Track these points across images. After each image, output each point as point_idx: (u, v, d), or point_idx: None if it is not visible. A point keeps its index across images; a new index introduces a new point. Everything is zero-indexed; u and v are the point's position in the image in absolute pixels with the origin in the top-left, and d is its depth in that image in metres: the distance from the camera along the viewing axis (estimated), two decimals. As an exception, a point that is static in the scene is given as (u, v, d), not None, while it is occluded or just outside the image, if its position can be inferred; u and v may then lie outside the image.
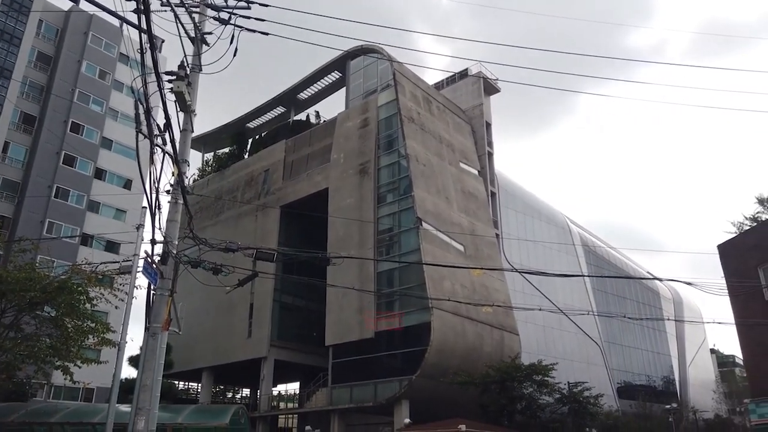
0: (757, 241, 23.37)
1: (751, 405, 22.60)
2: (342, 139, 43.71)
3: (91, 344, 15.35)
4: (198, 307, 43.69)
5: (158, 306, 12.60)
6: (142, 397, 11.87)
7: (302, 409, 42.04)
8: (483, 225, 42.57)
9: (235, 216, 49.21)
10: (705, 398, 61.73)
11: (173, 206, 13.38)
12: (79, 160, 41.98)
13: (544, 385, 32.02)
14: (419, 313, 34.94)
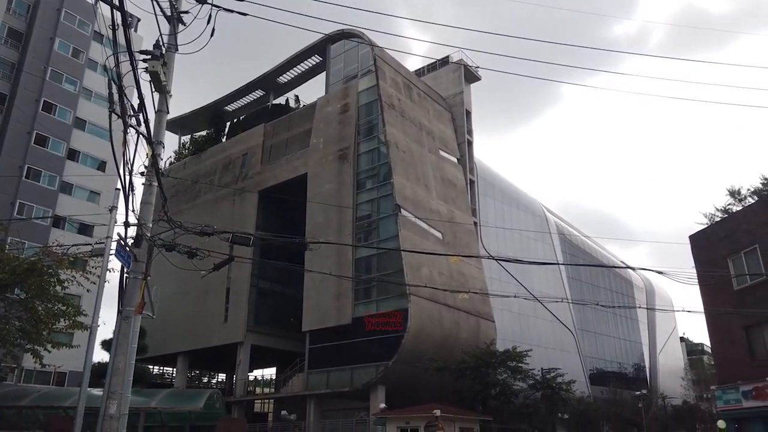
0: (727, 232, 23.89)
1: (717, 392, 23.24)
2: (322, 125, 43.38)
3: (62, 328, 15.08)
4: (173, 292, 43.21)
5: (131, 289, 12.40)
6: (114, 381, 11.71)
7: (278, 394, 42.04)
8: (461, 213, 42.78)
9: (212, 200, 48.68)
10: (674, 385, 63.33)
11: (148, 188, 13.13)
12: (52, 140, 40.95)
13: (518, 371, 32.50)
14: (397, 299, 35.07)
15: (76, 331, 15.14)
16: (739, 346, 22.23)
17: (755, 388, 20.46)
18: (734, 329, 22.48)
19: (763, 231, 21.69)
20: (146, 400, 15.95)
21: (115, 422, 11.40)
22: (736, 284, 22.61)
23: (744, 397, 21.09)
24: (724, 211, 32.63)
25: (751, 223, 22.48)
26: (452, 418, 24.21)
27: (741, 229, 22.90)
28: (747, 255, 22.21)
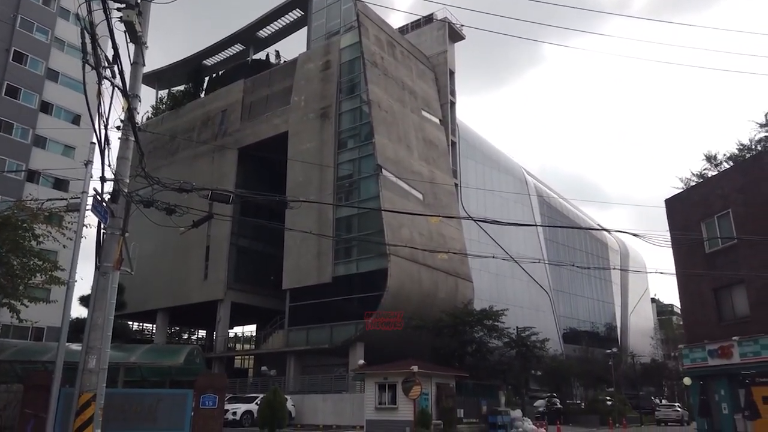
0: (701, 196, 24.33)
1: (685, 350, 24.10)
2: (303, 82, 42.63)
3: (39, 282, 14.94)
4: (152, 249, 42.94)
5: (109, 245, 12.29)
6: (92, 336, 11.72)
7: (259, 350, 42.56)
8: (442, 174, 42.83)
9: (190, 157, 47.96)
10: (643, 344, 65.47)
11: (124, 143, 12.86)
12: (23, 92, 39.61)
13: (494, 329, 33.27)
14: (377, 259, 35.35)
15: (53, 286, 15.01)
16: (708, 307, 22.95)
17: (720, 347, 21.24)
18: (704, 291, 23.15)
19: (736, 196, 22.14)
20: (126, 355, 16.02)
21: (94, 376, 11.47)
22: (708, 248, 23.18)
23: (710, 355, 21.91)
24: (699, 176, 33.14)
25: (725, 188, 22.90)
26: (429, 375, 24.78)
27: (715, 194, 23.33)
28: (720, 219, 22.71)
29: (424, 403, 23.73)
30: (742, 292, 21.40)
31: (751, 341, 20.04)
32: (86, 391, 11.35)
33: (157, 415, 14.24)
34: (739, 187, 22.21)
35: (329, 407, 30.73)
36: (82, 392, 11.35)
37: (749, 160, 25.29)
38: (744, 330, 20.67)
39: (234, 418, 27.53)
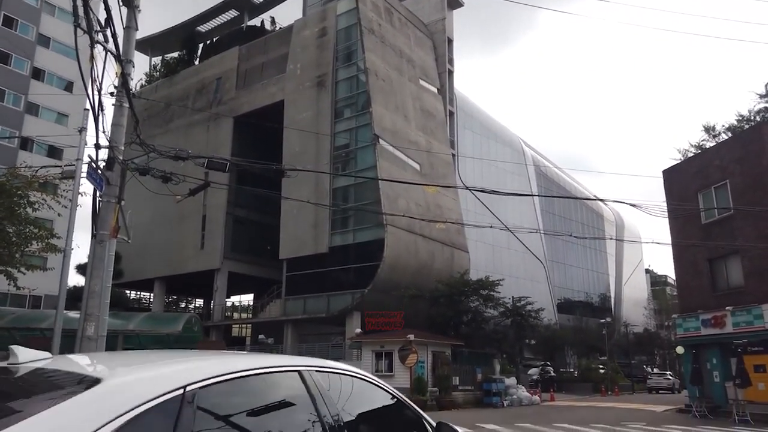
0: (699, 167, 24.28)
1: (678, 320, 24.38)
2: (299, 49, 41.96)
3: (35, 250, 14.89)
4: (149, 218, 42.87)
5: (105, 213, 12.20)
6: (90, 303, 11.73)
7: (256, 319, 42.88)
8: (440, 144, 42.58)
9: (185, 125, 47.47)
10: (637, 314, 66.24)
11: (118, 110, 12.66)
12: (14, 58, 38.95)
13: (489, 299, 33.54)
14: (373, 229, 35.38)
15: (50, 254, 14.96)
16: (702, 277, 23.13)
17: (714, 317, 21.48)
18: (699, 262, 23.31)
19: (734, 167, 22.10)
20: (124, 323, 16.10)
21: (93, 343, 11.51)
22: (704, 218, 23.25)
23: (703, 325, 22.17)
24: (698, 147, 33.09)
25: (724, 158, 22.85)
26: (425, 343, 25.08)
27: (713, 165, 23.29)
28: (717, 190, 22.72)
29: (420, 371, 24.05)
30: (737, 262, 21.54)
31: (744, 311, 20.26)
32: (85, 357, 11.43)
33: (156, 382, 14.35)
34: (737, 158, 22.16)
35: (326, 375, 31.04)
36: (82, 359, 11.43)
37: (749, 131, 25.18)
38: (737, 300, 20.88)
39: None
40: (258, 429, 2.13)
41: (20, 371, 2.09)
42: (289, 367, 2.42)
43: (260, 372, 2.24)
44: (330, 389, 2.47)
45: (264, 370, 2.26)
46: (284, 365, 2.43)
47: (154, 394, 1.75)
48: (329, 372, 2.62)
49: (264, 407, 2.20)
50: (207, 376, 1.96)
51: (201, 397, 1.87)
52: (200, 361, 2.19)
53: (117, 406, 1.66)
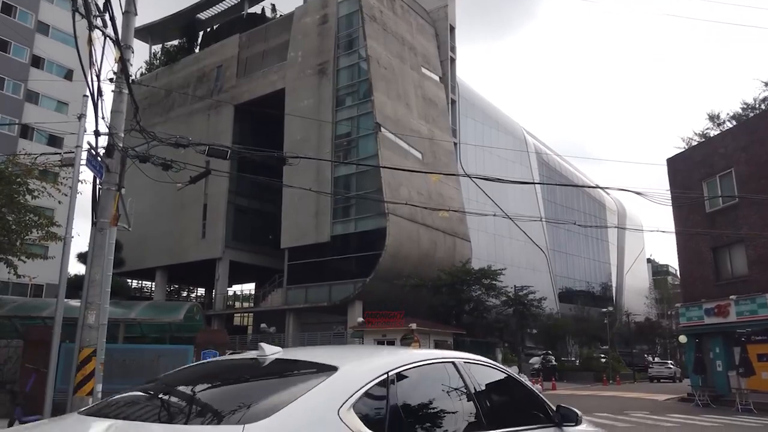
0: (704, 155, 24.09)
1: (681, 309, 24.30)
2: (300, 36, 41.62)
3: (36, 238, 14.79)
4: (150, 207, 42.75)
5: (105, 201, 12.08)
6: (91, 292, 11.64)
7: (258, 308, 42.91)
8: (442, 133, 42.35)
9: (186, 114, 47.24)
10: (638, 303, 66.28)
11: (117, 96, 12.50)
12: (14, 46, 38.67)
13: (492, 288, 33.48)
14: (375, 218, 35.28)
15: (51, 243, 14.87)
16: (706, 266, 23.01)
17: (717, 306, 21.39)
18: (703, 250, 23.18)
19: (739, 155, 21.91)
20: (125, 312, 16.02)
21: (94, 332, 11.44)
22: (709, 207, 23.10)
23: (706, 314, 22.09)
24: (702, 136, 32.85)
25: (729, 147, 22.65)
26: (427, 332, 25.05)
27: (718, 153, 23.10)
28: (722, 179, 22.54)
29: (422, 360, 24.03)
30: (741, 251, 21.41)
31: (748, 300, 20.16)
32: (86, 346, 11.35)
33: (158, 371, 14.30)
34: (743, 146, 21.96)
35: (328, 363, 31.12)
36: (83, 347, 11.34)
37: (755, 119, 24.95)
38: (741, 289, 20.78)
39: (234, 373, 27.90)
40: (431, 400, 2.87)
41: (267, 361, 2.81)
42: (445, 359, 3.15)
43: (428, 362, 2.99)
44: (475, 375, 3.18)
45: (430, 361, 3.02)
46: (442, 357, 3.16)
47: (372, 377, 2.53)
48: (472, 363, 3.32)
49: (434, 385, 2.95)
50: (399, 365, 2.73)
51: (397, 379, 2.63)
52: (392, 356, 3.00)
53: (355, 384, 2.43)
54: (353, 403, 2.34)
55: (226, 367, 3.17)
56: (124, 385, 14.21)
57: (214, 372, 3.08)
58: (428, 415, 2.78)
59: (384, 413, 2.46)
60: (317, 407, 2.27)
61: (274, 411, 2.16)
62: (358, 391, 2.40)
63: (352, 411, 2.30)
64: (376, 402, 2.47)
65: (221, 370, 3.09)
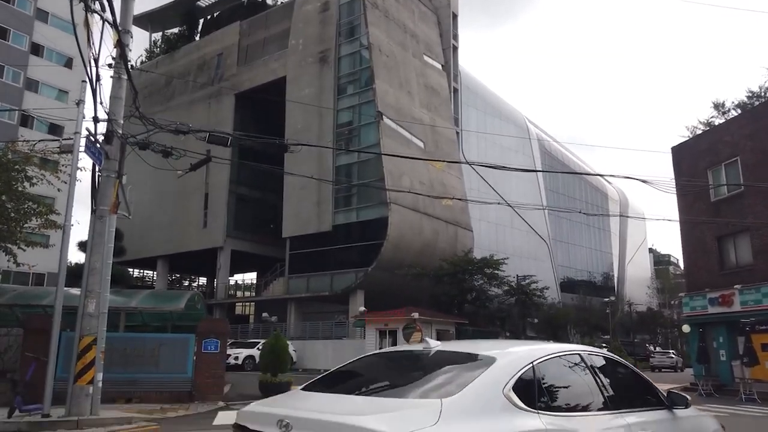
0: (709, 144, 23.85)
1: (685, 298, 24.17)
2: (301, 24, 41.25)
3: (35, 227, 14.66)
4: (151, 196, 42.72)
5: (105, 188, 11.95)
6: (91, 280, 11.54)
7: (259, 297, 42.90)
8: (444, 122, 42.08)
9: (186, 102, 46.97)
10: (640, 293, 66.23)
11: (116, 82, 12.34)
12: (13, 33, 38.35)
13: (494, 277, 33.38)
14: (377, 208, 35.13)
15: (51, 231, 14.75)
16: (710, 255, 22.86)
17: (721, 296, 21.27)
18: (707, 240, 23.02)
19: (745, 143, 21.68)
20: (126, 300, 15.92)
21: (94, 320, 11.35)
22: (713, 196, 22.91)
23: (710, 303, 21.97)
24: (706, 124, 32.58)
25: (735, 135, 22.41)
26: (429, 321, 24.98)
27: (723, 141, 22.86)
28: (727, 167, 22.32)
29: (425, 349, 23.97)
30: (746, 240, 21.25)
31: (752, 289, 20.03)
32: (87, 334, 11.27)
33: (159, 359, 14.25)
34: (748, 134, 21.72)
35: (330, 353, 31.14)
36: (83, 336, 11.26)
37: (761, 107, 24.68)
38: (746, 279, 20.63)
39: (236, 362, 27.98)
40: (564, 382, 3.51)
41: (432, 352, 3.54)
42: (573, 351, 3.82)
43: (561, 353, 3.67)
44: (597, 365, 3.81)
45: (562, 352, 3.69)
46: (571, 350, 3.83)
47: (523, 365, 3.21)
48: (594, 354, 3.94)
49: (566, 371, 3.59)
50: (540, 356, 3.41)
51: (539, 367, 3.30)
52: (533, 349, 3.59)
53: (512, 370, 3.11)
54: (513, 384, 3.05)
55: (402, 355, 4.06)
56: (125, 374, 14.12)
57: (394, 359, 4.04)
58: (564, 394, 3.43)
59: (533, 392, 3.14)
60: (488, 387, 2.99)
61: (459, 390, 2.91)
62: (514, 375, 3.11)
63: (511, 390, 3.02)
64: (527, 383, 3.14)
65: (399, 358, 4.02)
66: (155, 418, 11.70)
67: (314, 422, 2.89)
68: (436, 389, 2.98)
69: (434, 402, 2.77)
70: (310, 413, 3.02)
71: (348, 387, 3.55)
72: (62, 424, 10.50)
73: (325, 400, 3.32)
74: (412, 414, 2.74)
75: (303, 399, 3.45)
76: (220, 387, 14.97)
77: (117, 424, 10.92)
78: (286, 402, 3.49)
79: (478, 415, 2.82)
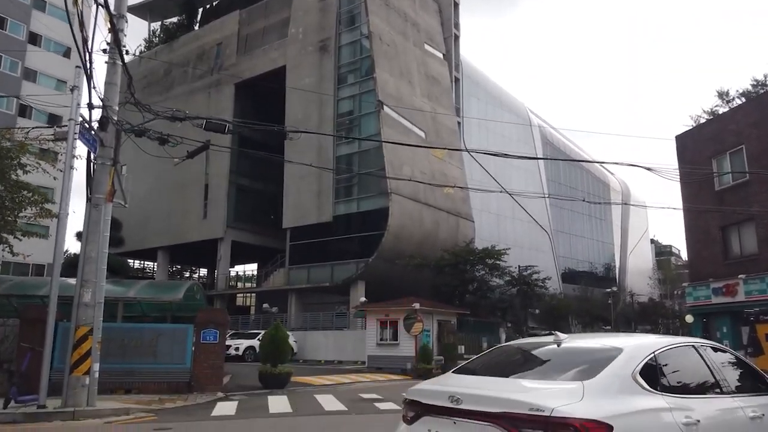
0: (714, 132, 23.56)
1: (689, 288, 23.98)
2: (300, 12, 40.84)
3: (31, 215, 14.46)
4: (151, 187, 42.51)
5: (100, 176, 11.74)
6: (87, 269, 11.35)
7: (260, 288, 42.79)
8: (445, 111, 41.74)
9: (186, 92, 46.65)
10: (641, 284, 66.06)
11: (111, 67, 12.09)
12: (10, 22, 37.99)
13: (495, 268, 33.18)
14: (378, 198, 34.91)
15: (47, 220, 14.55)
16: (715, 245, 22.63)
17: (726, 285, 21.07)
18: (711, 229, 22.79)
19: (750, 131, 21.40)
20: (124, 290, 15.75)
21: (90, 310, 11.18)
22: (718, 185, 22.65)
23: (714, 293, 21.77)
24: (710, 113, 32.24)
25: (740, 123, 22.11)
26: (431, 312, 24.76)
27: (728, 130, 22.57)
28: (732, 155, 22.05)
29: (426, 340, 23.80)
30: (751, 229, 21.01)
31: (757, 279, 19.83)
32: (83, 324, 11.10)
33: (157, 350, 14.09)
34: (754, 122, 21.43)
35: (331, 343, 31.05)
36: (79, 326, 11.09)
37: (766, 95, 24.35)
38: (750, 268, 20.42)
39: (237, 353, 27.90)
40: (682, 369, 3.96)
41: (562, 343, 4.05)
42: (687, 343, 4.28)
43: (677, 345, 4.14)
44: (709, 355, 4.24)
45: (678, 344, 4.16)
46: (685, 341, 4.31)
47: (646, 353, 3.74)
48: (707, 346, 4.37)
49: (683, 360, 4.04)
50: (660, 346, 3.92)
51: (660, 356, 3.80)
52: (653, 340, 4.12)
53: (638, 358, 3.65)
54: (639, 370, 3.58)
55: (536, 344, 4.47)
56: (122, 364, 13.94)
57: (527, 350, 4.47)
58: (681, 379, 3.90)
59: (656, 376, 3.65)
60: (620, 372, 3.53)
61: (596, 374, 3.48)
62: (640, 362, 3.64)
63: (638, 374, 3.56)
64: (651, 369, 3.66)
65: (534, 347, 4.42)
66: (153, 409, 11.56)
67: (481, 397, 3.48)
68: (576, 374, 3.57)
69: (578, 383, 3.39)
70: (476, 390, 3.65)
71: (494, 371, 4.14)
72: (58, 415, 10.35)
73: (481, 381, 3.95)
74: (561, 392, 3.34)
75: (461, 380, 4.06)
76: (219, 378, 14.82)
77: (114, 415, 10.77)
78: (448, 381, 4.10)
79: (613, 394, 3.38)
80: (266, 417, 11.16)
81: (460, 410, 3.47)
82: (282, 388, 15.80)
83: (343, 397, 14.25)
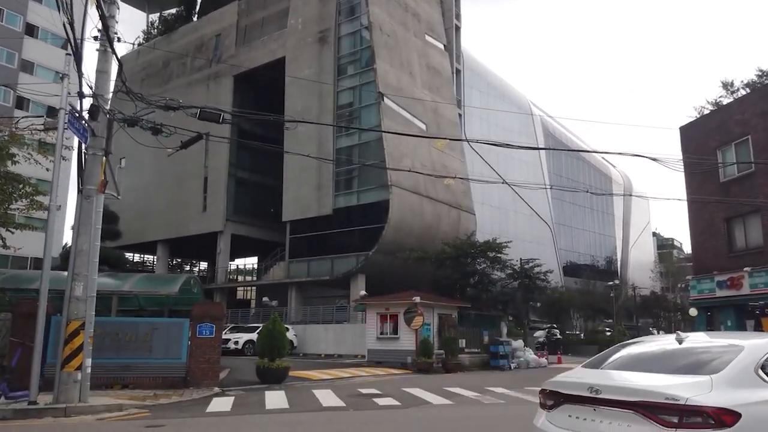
0: (719, 123, 23.19)
1: (692, 281, 23.66)
2: (300, 3, 40.39)
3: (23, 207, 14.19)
4: (150, 180, 42.23)
5: (91, 166, 11.47)
6: (78, 262, 11.09)
7: (260, 281, 42.58)
8: (446, 103, 41.33)
9: (185, 85, 46.27)
10: (643, 277, 65.79)
11: (102, 55, 11.78)
12: (7, 13, 37.60)
13: (497, 261, 32.87)
14: (378, 191, 34.60)
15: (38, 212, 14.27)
16: (719, 237, 22.32)
17: (730, 278, 20.77)
18: (716, 221, 22.47)
19: (757, 121, 21.03)
20: (119, 284, 15.49)
21: (82, 304, 10.92)
22: (723, 176, 22.32)
23: (718, 286, 21.47)
24: (715, 104, 31.85)
25: (746, 113, 21.73)
26: (431, 305, 24.50)
27: (734, 120, 22.20)
28: (738, 146, 21.70)
29: (427, 333, 23.57)
30: (757, 221, 20.68)
31: (763, 272, 19.52)
32: (74, 319, 10.85)
33: (152, 344, 13.85)
34: (760, 112, 21.06)
35: (331, 337, 30.83)
36: (70, 320, 10.84)
37: (772, 85, 23.93)
38: (755, 261, 20.12)
39: (236, 347, 27.68)
40: None
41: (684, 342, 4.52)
42: None
43: None
44: None
45: None
46: None
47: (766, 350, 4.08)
48: None
49: None
50: None
51: None
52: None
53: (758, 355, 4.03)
54: (761, 365, 3.94)
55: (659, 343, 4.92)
56: (117, 359, 13.68)
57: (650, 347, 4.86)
58: None
59: None
60: (744, 367, 3.90)
61: (722, 369, 3.87)
62: (761, 358, 3.98)
63: (760, 369, 3.91)
64: None
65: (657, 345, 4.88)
66: (146, 405, 11.31)
67: (620, 388, 3.96)
68: (703, 369, 3.96)
69: (706, 377, 3.80)
70: (613, 382, 4.14)
71: (623, 366, 4.48)
72: (49, 412, 10.11)
73: (614, 374, 4.36)
74: (693, 384, 3.74)
75: (594, 373, 4.48)
76: (216, 372, 14.58)
77: (107, 411, 10.53)
78: (584, 374, 4.53)
79: (737, 386, 3.75)
80: (262, 413, 10.91)
81: (600, 399, 3.93)
82: (280, 383, 15.57)
83: (341, 392, 14.01)
